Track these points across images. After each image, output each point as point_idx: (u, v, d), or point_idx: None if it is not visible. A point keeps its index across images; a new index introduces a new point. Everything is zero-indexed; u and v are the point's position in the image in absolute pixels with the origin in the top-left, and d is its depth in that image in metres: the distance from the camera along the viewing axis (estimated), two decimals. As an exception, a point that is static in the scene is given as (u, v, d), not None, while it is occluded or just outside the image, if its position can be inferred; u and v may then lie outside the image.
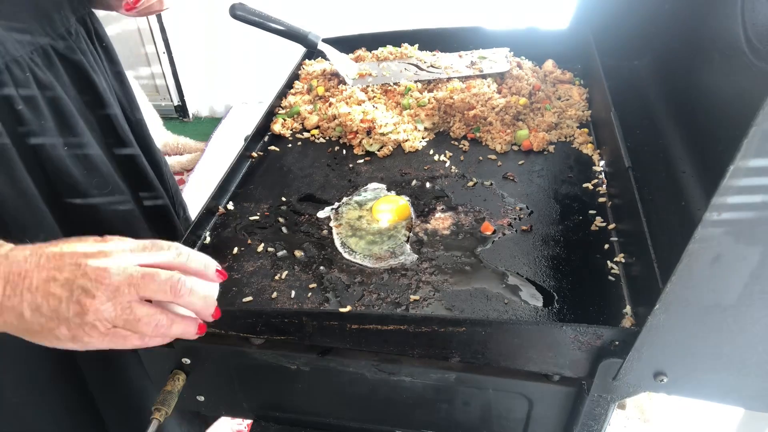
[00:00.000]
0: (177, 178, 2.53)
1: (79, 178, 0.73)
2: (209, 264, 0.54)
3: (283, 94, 1.05)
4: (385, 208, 0.76)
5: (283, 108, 1.03)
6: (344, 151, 0.91)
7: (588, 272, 0.65)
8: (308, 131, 0.97)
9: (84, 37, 0.76)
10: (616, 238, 0.69)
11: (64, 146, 0.71)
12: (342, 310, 0.62)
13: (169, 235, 0.73)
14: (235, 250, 0.72)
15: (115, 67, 0.83)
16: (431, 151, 0.89)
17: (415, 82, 0.99)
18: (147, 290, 0.48)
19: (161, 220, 0.91)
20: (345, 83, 1.02)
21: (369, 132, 0.91)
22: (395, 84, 0.99)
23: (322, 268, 0.69)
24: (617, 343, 0.54)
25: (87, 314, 0.46)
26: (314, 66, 1.10)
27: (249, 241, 0.74)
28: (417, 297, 0.64)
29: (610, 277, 0.64)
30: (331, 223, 0.76)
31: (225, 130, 2.82)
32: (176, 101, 2.96)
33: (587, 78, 1.01)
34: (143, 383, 0.84)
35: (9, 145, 0.65)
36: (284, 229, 0.75)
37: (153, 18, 2.69)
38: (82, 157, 0.73)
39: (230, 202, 0.81)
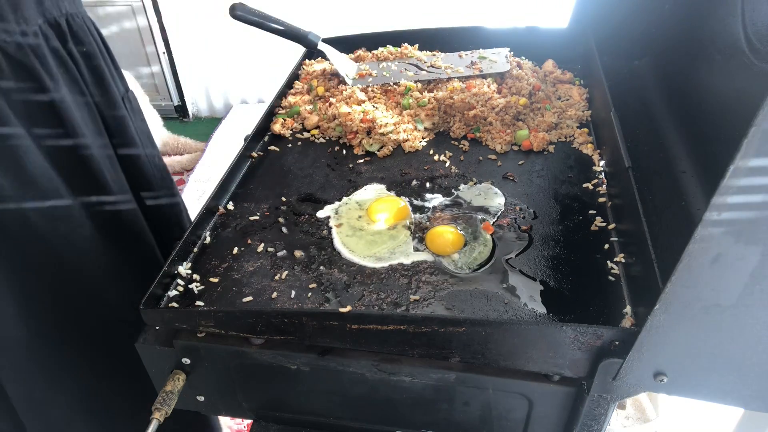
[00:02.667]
0: (177, 178, 2.54)
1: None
2: None
3: (283, 94, 1.05)
4: (382, 207, 0.76)
5: (283, 108, 1.02)
6: (344, 151, 0.91)
7: (588, 272, 0.65)
8: (308, 131, 0.97)
9: (49, 42, 0.73)
10: (616, 238, 0.69)
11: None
12: (342, 310, 0.62)
13: (178, 237, 0.74)
14: (235, 250, 0.72)
15: (97, 71, 0.80)
16: (431, 151, 0.89)
17: (416, 82, 0.99)
18: None
19: (165, 221, 0.92)
20: (345, 83, 1.02)
21: (369, 132, 0.91)
22: (395, 84, 0.99)
23: (322, 268, 0.69)
24: (617, 343, 0.54)
25: None
26: (314, 66, 1.10)
27: (249, 241, 0.74)
28: (417, 297, 0.64)
29: (610, 277, 0.64)
30: (331, 223, 0.76)
31: (225, 130, 2.82)
32: (176, 101, 2.96)
33: (587, 78, 1.01)
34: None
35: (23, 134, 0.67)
36: (284, 229, 0.75)
37: (153, 18, 2.69)
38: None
39: (230, 202, 0.81)
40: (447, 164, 0.86)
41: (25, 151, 0.68)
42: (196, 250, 0.73)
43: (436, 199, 0.79)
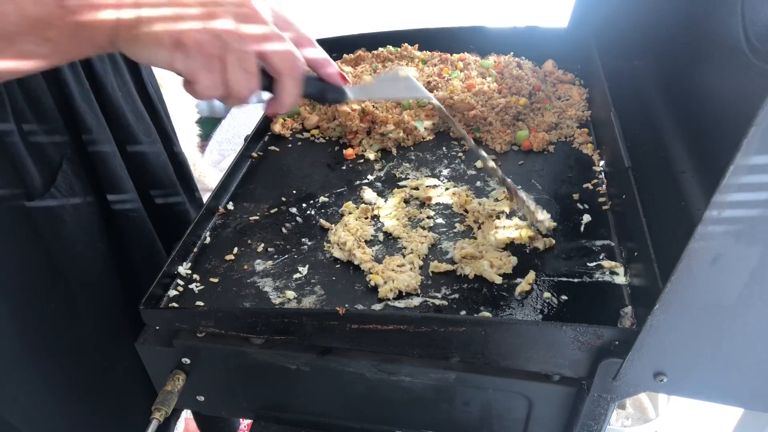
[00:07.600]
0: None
1: (132, 121, 0.78)
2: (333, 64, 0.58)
3: (283, 94, 1.05)
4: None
5: (283, 108, 1.02)
6: (344, 151, 0.91)
7: (588, 272, 0.65)
8: (308, 131, 0.97)
9: None
10: (616, 238, 0.69)
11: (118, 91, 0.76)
12: (340, 310, 0.62)
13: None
14: (235, 250, 0.72)
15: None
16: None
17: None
18: (272, 47, 0.50)
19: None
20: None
21: (369, 132, 0.91)
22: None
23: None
24: (617, 343, 0.54)
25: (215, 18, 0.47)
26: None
27: (249, 241, 0.74)
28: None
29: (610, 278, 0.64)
30: (332, 222, 0.76)
31: (225, 130, 2.82)
32: (176, 101, 2.96)
33: (587, 78, 1.01)
34: None
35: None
36: (284, 229, 0.75)
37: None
38: (131, 102, 0.79)
39: (230, 202, 0.81)
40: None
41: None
42: (196, 250, 0.73)
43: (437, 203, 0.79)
